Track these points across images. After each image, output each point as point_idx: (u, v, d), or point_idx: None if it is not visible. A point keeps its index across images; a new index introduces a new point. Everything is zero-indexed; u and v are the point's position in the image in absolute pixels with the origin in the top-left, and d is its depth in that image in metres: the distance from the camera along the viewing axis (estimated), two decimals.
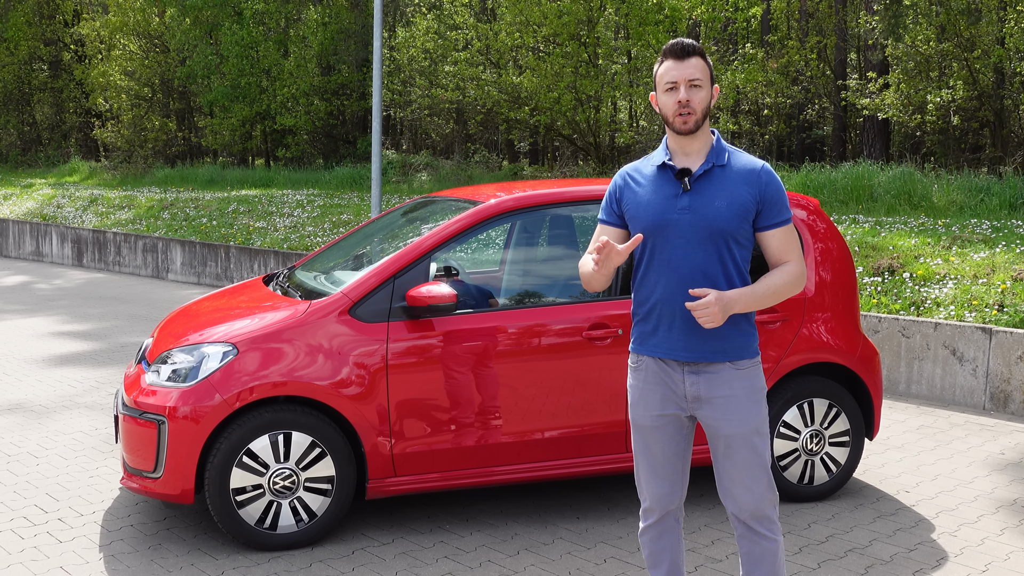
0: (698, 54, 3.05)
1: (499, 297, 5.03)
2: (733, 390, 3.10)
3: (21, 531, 4.66)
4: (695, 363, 3.10)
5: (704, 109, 3.05)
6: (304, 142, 24.12)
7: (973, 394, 7.16)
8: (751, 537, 3.19)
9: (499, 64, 20.40)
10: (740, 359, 3.11)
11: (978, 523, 4.87)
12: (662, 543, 3.30)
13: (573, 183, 5.32)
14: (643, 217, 3.10)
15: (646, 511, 3.29)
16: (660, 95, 3.10)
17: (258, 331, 4.46)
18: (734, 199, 3.04)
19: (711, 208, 3.03)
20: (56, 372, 8.05)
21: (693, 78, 3.03)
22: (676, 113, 3.04)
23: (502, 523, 4.81)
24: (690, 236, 3.04)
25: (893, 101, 14.85)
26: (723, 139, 3.69)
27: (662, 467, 3.21)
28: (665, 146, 3.17)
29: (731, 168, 3.09)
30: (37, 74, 31.76)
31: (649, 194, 3.12)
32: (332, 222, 14.42)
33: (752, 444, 3.12)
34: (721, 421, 3.11)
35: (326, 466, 4.43)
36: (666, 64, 3.07)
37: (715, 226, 3.03)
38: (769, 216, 3.09)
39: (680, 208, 3.05)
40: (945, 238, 8.95)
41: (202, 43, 24.49)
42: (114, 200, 18.65)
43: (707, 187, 3.06)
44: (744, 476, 3.13)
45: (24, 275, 15.37)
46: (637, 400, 3.22)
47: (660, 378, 3.16)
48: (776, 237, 3.11)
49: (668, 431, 3.18)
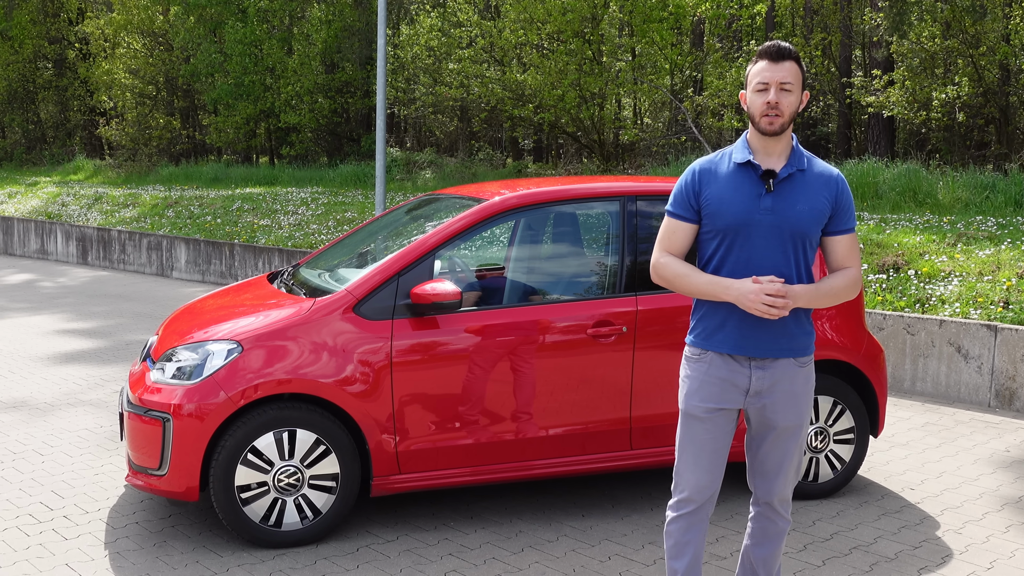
0: (793, 58, 3.10)
1: (504, 295, 5.03)
2: (795, 385, 3.23)
3: (27, 528, 4.67)
4: (762, 359, 3.20)
5: (792, 113, 3.11)
6: (308, 140, 24.11)
7: (978, 391, 7.14)
8: (771, 517, 3.37)
9: (503, 61, 20.38)
10: (802, 355, 3.24)
11: (983, 520, 4.86)
12: (689, 535, 3.33)
13: (577, 180, 5.32)
14: (725, 214, 3.16)
15: (682, 501, 3.32)
16: (750, 94, 3.16)
17: (262, 329, 4.47)
18: (815, 204, 3.15)
19: (793, 212, 3.13)
20: (61, 370, 8.06)
21: (784, 81, 3.08)
22: (763, 113, 3.10)
23: (506, 520, 4.81)
24: (770, 237, 3.13)
25: (898, 98, 14.81)
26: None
27: (708, 458, 3.26)
28: (746, 144, 3.21)
29: (811, 174, 3.19)
30: (42, 72, 31.76)
31: (731, 192, 3.17)
32: (336, 220, 14.42)
33: (799, 435, 3.30)
34: (779, 414, 3.23)
35: (331, 463, 4.43)
36: (760, 64, 3.13)
37: (796, 229, 3.13)
38: (840, 222, 3.21)
39: (763, 209, 3.13)
40: (950, 235, 8.93)
41: (206, 41, 24.48)
42: (118, 198, 18.67)
43: (789, 191, 3.15)
44: (784, 463, 3.30)
45: (29, 273, 15.39)
46: (694, 391, 3.26)
47: (724, 373, 3.22)
48: (843, 242, 3.23)
49: (719, 423, 3.25)
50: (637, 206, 4.92)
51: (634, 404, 4.77)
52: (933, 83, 14.75)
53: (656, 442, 4.84)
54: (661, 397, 4.81)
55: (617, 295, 4.79)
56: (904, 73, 15.11)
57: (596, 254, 5.09)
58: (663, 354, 4.79)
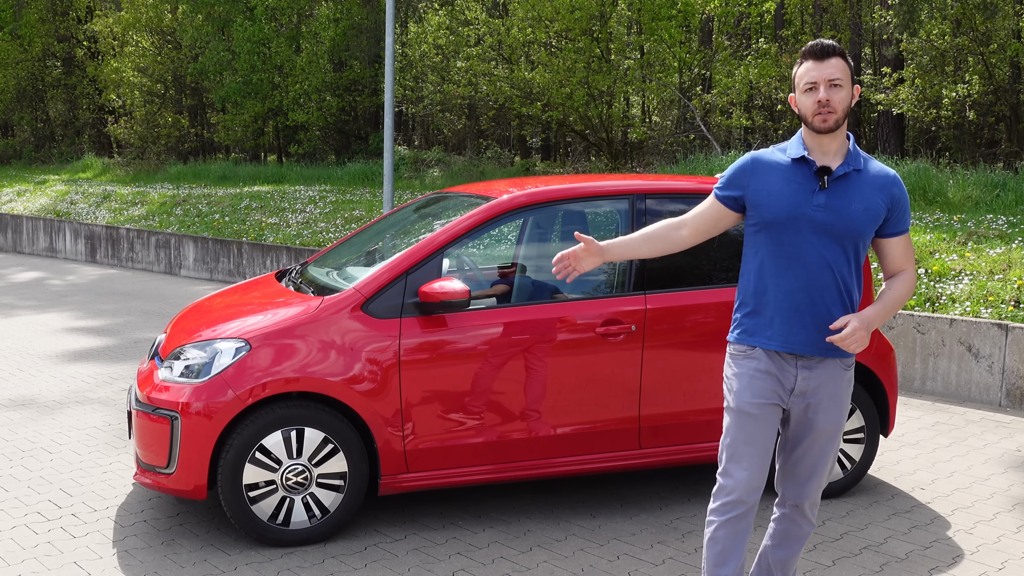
0: (838, 54, 3.08)
1: (512, 293, 5.01)
2: (838, 387, 3.21)
3: (35, 526, 4.67)
4: (809, 357, 3.16)
5: (845, 108, 3.08)
6: (316, 138, 24.12)
7: (989, 391, 7.10)
8: (797, 520, 3.33)
9: (511, 60, 20.36)
10: (848, 357, 3.22)
11: (994, 520, 4.83)
12: (737, 540, 3.24)
13: (586, 179, 5.30)
14: (774, 207, 3.13)
15: (731, 504, 3.22)
16: (799, 96, 3.13)
17: (271, 327, 4.46)
18: (870, 205, 3.11)
19: (848, 211, 3.09)
20: (69, 368, 8.07)
21: (833, 78, 3.06)
22: (815, 112, 3.07)
23: (515, 519, 4.80)
24: (822, 233, 3.09)
25: (908, 96, 14.74)
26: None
27: (761, 456, 3.21)
28: (801, 141, 3.18)
29: (866, 174, 3.15)
30: (51, 71, 31.85)
31: (782, 185, 3.14)
32: (344, 218, 14.42)
33: (836, 438, 3.26)
34: (820, 415, 3.20)
35: (339, 462, 4.42)
36: (805, 65, 3.11)
37: (850, 228, 3.09)
38: (896, 224, 3.17)
39: (815, 205, 3.10)
40: (961, 234, 8.89)
41: (214, 39, 24.51)
42: (127, 196, 18.70)
43: (845, 190, 3.11)
44: (819, 466, 3.26)
45: (38, 271, 15.43)
46: (744, 387, 3.21)
47: (772, 369, 3.19)
48: (899, 244, 3.20)
49: (771, 419, 3.22)
50: (646, 204, 4.90)
51: (643, 403, 4.75)
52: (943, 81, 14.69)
53: (665, 441, 4.82)
54: (670, 396, 4.79)
55: (626, 294, 4.77)
56: (914, 71, 15.05)
57: None
58: (672, 353, 4.77)
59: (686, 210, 4.99)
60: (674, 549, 4.44)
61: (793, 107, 3.19)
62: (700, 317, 4.82)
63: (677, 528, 4.69)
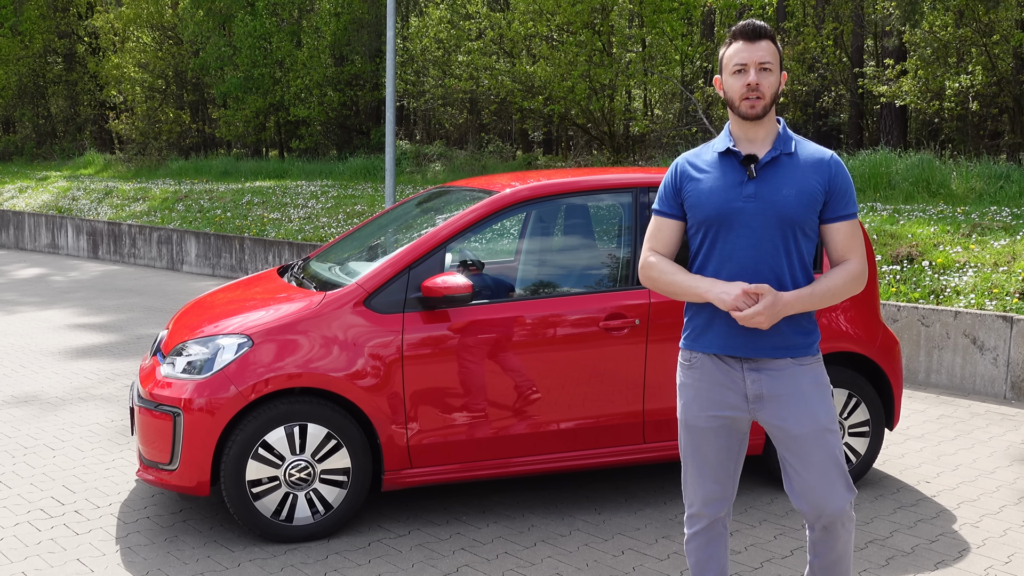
0: (769, 37, 2.91)
1: (515, 287, 4.99)
2: (798, 386, 2.95)
3: (38, 523, 4.66)
4: (755, 359, 2.96)
5: (773, 95, 2.91)
6: (318, 133, 24.10)
7: (994, 383, 7.08)
8: (828, 542, 3.02)
9: (512, 53, 20.31)
10: (803, 356, 2.98)
11: (1000, 514, 4.81)
12: (709, 551, 3.14)
13: (588, 172, 5.27)
14: (705, 206, 2.95)
15: (693, 517, 3.13)
16: (726, 78, 2.95)
17: (273, 323, 4.44)
18: (803, 187, 2.91)
19: (779, 196, 2.90)
20: (72, 364, 8.06)
21: (763, 61, 2.89)
22: (743, 97, 2.90)
23: (519, 514, 4.78)
24: (755, 225, 2.90)
25: (911, 88, 14.70)
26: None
27: (714, 471, 3.05)
28: (728, 133, 3.01)
29: (799, 156, 2.96)
30: (51, 67, 31.83)
31: (712, 181, 2.97)
32: (346, 213, 14.40)
33: (826, 442, 2.95)
34: (789, 420, 2.95)
35: (342, 458, 4.41)
36: (735, 46, 2.93)
37: (783, 215, 2.89)
38: (836, 208, 2.95)
39: (745, 196, 2.91)
40: (964, 226, 8.86)
41: (215, 34, 24.48)
42: (129, 192, 18.69)
43: (774, 175, 2.92)
44: (821, 479, 2.95)
45: (40, 267, 15.43)
46: (691, 400, 3.05)
47: (718, 376, 3.00)
48: (841, 231, 2.96)
49: (722, 433, 3.03)
50: (649, 197, 4.87)
51: (647, 397, 4.73)
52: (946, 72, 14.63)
53: (669, 435, 4.81)
54: (674, 390, 4.77)
55: (629, 287, 4.75)
56: (917, 62, 15.00)
57: (608, 246, 5.05)
58: (676, 347, 4.75)
59: None
60: (678, 544, 4.42)
61: (718, 90, 3.02)
62: None
63: (682, 523, 4.67)
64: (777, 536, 4.51)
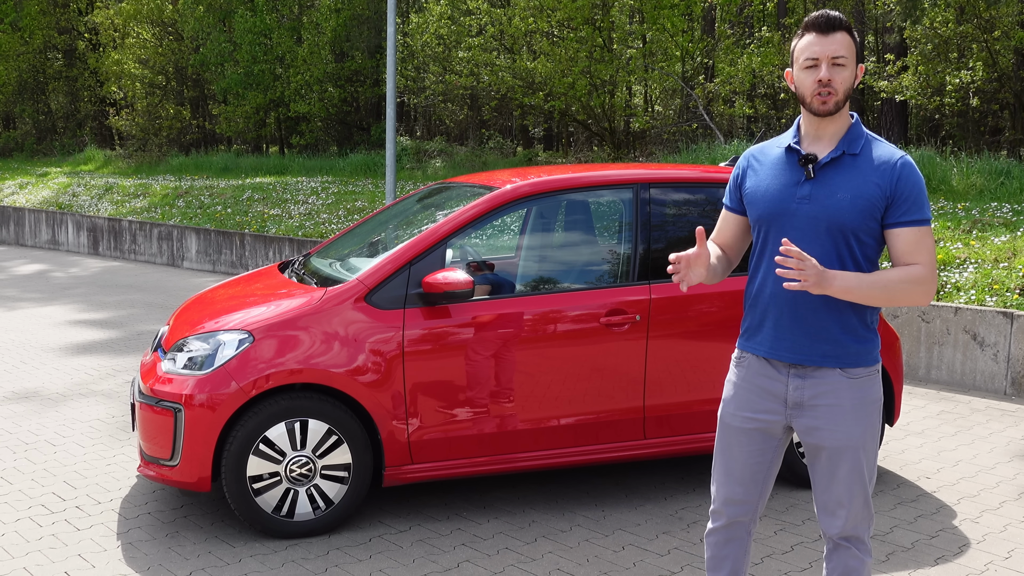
0: (844, 28, 2.75)
1: (516, 283, 4.99)
2: (840, 399, 2.82)
3: (39, 519, 4.66)
4: (801, 366, 2.85)
5: (847, 90, 2.76)
6: (318, 129, 24.07)
7: (994, 379, 7.08)
8: (839, 554, 2.94)
9: (513, 49, 20.30)
10: (853, 367, 2.83)
11: (1000, 509, 4.81)
12: (727, 550, 3.07)
13: (589, 168, 5.27)
14: (760, 204, 2.88)
15: (714, 513, 3.08)
16: (797, 72, 2.82)
17: (274, 318, 4.45)
18: (860, 192, 2.74)
19: (833, 200, 2.75)
20: (73, 360, 8.07)
21: (837, 55, 2.73)
22: (815, 93, 2.76)
23: (519, 510, 4.79)
24: (807, 228, 2.78)
25: (911, 84, 14.68)
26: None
27: (740, 472, 2.98)
28: (797, 127, 2.91)
29: (863, 158, 2.79)
30: (52, 63, 31.79)
31: (769, 179, 2.88)
32: (347, 209, 14.40)
33: (856, 460, 2.84)
34: (823, 432, 2.84)
35: (343, 453, 4.41)
36: (807, 38, 2.78)
37: (835, 220, 2.75)
38: (898, 212, 2.74)
39: (800, 197, 2.80)
40: (965, 222, 8.86)
41: (215, 30, 24.45)
42: (129, 188, 18.69)
43: (833, 176, 2.78)
44: (842, 494, 2.87)
45: (40, 263, 15.43)
46: (730, 397, 2.99)
47: (761, 379, 2.92)
48: (903, 236, 2.74)
49: (756, 437, 2.95)
50: (651, 193, 4.87)
51: (648, 393, 4.74)
52: (947, 68, 14.61)
53: (670, 431, 4.81)
54: (675, 386, 4.77)
55: (630, 283, 4.75)
56: (917, 58, 14.98)
57: (609, 242, 5.05)
58: (677, 343, 4.75)
59: (690, 199, 5.01)
60: (679, 539, 4.43)
61: (789, 83, 2.89)
62: (704, 306, 4.80)
63: (682, 518, 4.68)
64: (777, 531, 4.51)
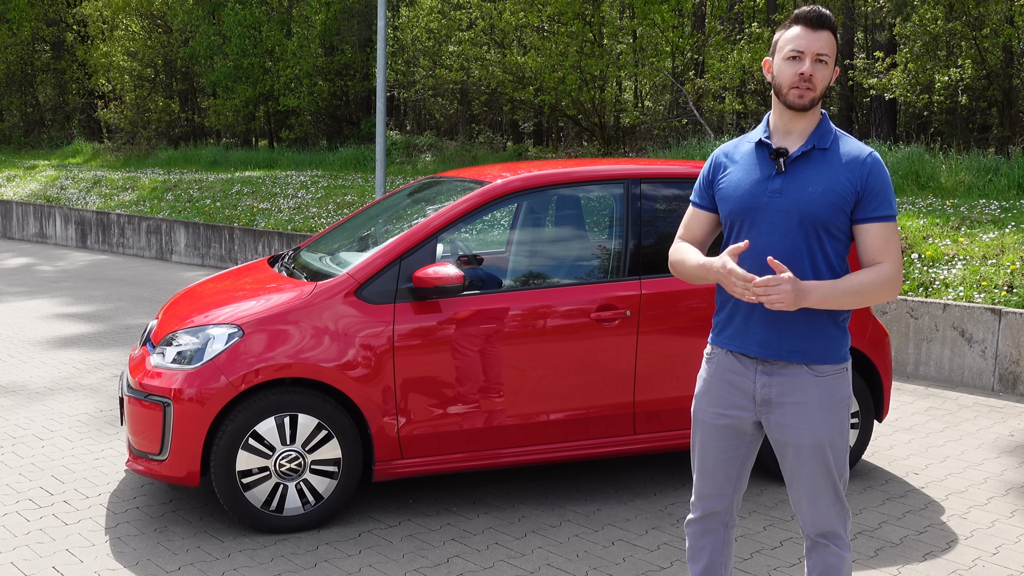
0: (831, 28, 2.76)
1: (506, 278, 4.99)
2: (806, 397, 2.83)
3: (27, 513, 4.64)
4: (769, 361, 2.85)
5: (824, 88, 2.77)
6: (308, 123, 24.00)
7: (982, 375, 7.12)
8: (817, 551, 2.95)
9: (503, 44, 20.27)
10: (821, 363, 2.83)
11: (988, 505, 4.84)
12: (704, 541, 3.10)
13: (579, 163, 5.27)
14: (731, 198, 2.87)
15: (693, 504, 3.11)
16: (778, 61, 2.80)
17: (263, 313, 4.43)
18: (831, 186, 2.75)
19: (804, 193, 2.76)
20: (60, 354, 8.03)
21: (822, 52, 2.74)
22: (793, 85, 2.76)
23: (509, 505, 4.79)
24: (778, 222, 2.78)
25: (900, 81, 14.71)
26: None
27: (713, 467, 3.00)
28: (766, 122, 2.90)
29: (833, 152, 2.80)
30: (39, 55, 31.59)
31: (741, 174, 2.88)
32: (336, 203, 14.37)
33: (823, 458, 2.85)
34: (789, 429, 2.85)
35: (332, 448, 4.40)
36: (795, 30, 2.77)
37: (806, 213, 2.75)
38: (867, 208, 2.76)
39: (771, 191, 2.80)
40: (954, 219, 8.89)
41: (205, 23, 24.35)
42: (117, 181, 18.60)
43: (803, 170, 2.79)
44: (809, 490, 2.88)
45: (28, 257, 15.35)
46: (702, 393, 3.01)
47: (730, 375, 2.93)
48: (872, 232, 2.77)
49: (728, 433, 2.96)
50: (641, 189, 4.87)
51: (638, 388, 4.74)
52: (936, 65, 14.65)
53: (660, 426, 4.82)
54: (665, 381, 4.78)
55: (621, 279, 4.75)
56: (906, 55, 15.01)
57: (599, 237, 5.05)
58: (667, 338, 4.76)
59: (681, 194, 5.00)
60: (669, 535, 4.43)
61: (766, 73, 2.86)
62: (694, 302, 4.81)
63: (672, 514, 4.69)
64: (767, 527, 4.52)
